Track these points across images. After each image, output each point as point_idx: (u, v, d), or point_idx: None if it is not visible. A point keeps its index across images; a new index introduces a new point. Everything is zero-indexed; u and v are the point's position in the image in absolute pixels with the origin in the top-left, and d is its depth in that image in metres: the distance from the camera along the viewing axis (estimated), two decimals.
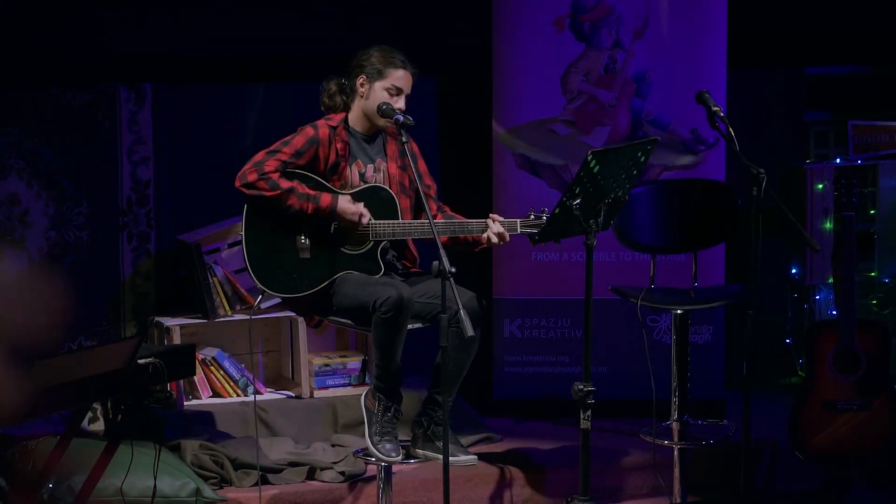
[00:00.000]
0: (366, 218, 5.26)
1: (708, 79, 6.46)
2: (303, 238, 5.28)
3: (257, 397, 6.24)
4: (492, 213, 5.32)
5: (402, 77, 5.34)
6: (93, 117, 6.53)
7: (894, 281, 7.04)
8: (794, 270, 7.26)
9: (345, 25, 6.87)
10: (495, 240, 5.27)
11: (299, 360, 6.37)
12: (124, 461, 4.92)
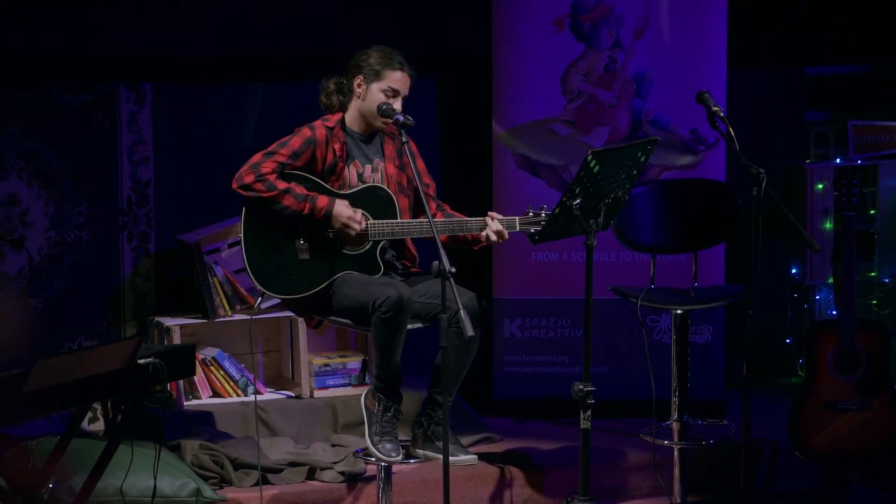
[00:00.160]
0: (362, 225, 5.24)
1: (708, 79, 6.46)
2: (302, 239, 5.27)
3: (257, 397, 6.24)
4: (490, 212, 5.32)
5: (399, 79, 5.33)
6: (93, 117, 6.53)
7: (894, 281, 7.04)
8: (794, 270, 7.26)
9: (345, 25, 6.87)
10: (494, 237, 5.27)
11: (299, 360, 6.37)
12: (124, 461, 4.92)
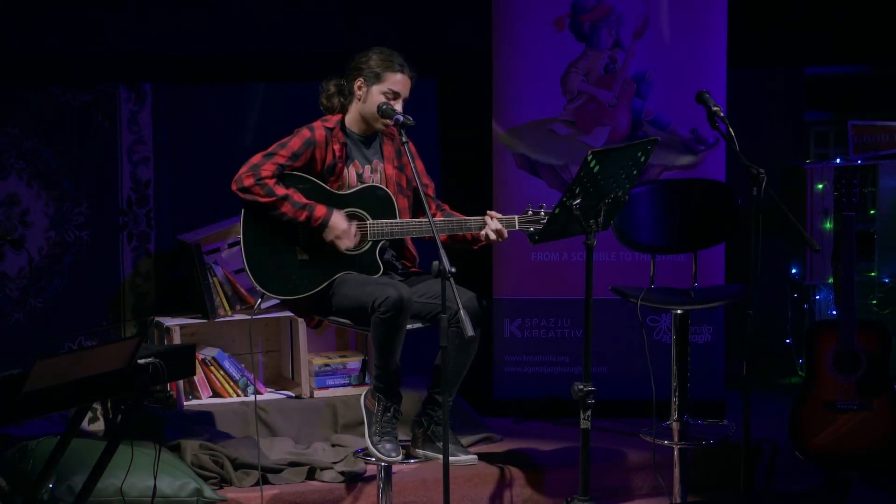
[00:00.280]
0: (348, 244, 5.23)
1: (708, 79, 6.46)
2: (301, 239, 5.27)
3: (257, 397, 6.24)
4: (489, 211, 5.32)
5: (399, 81, 5.32)
6: (93, 117, 6.53)
7: (894, 281, 7.04)
8: (794, 270, 7.26)
9: (345, 25, 6.87)
10: (493, 236, 5.26)
11: (299, 360, 6.37)
12: (124, 461, 4.92)
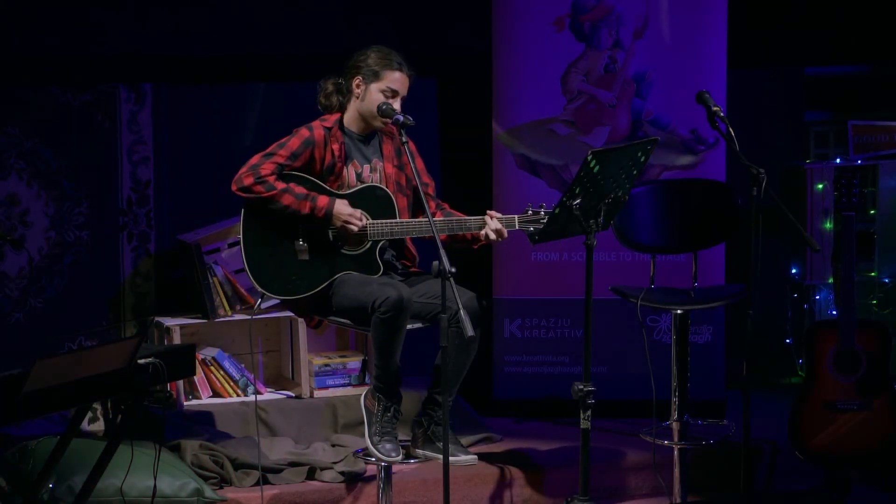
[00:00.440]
0: (362, 221, 5.24)
1: (708, 79, 6.46)
2: (301, 239, 5.27)
3: (257, 397, 6.24)
4: (489, 210, 5.32)
5: (398, 79, 5.32)
6: (93, 117, 6.53)
7: (894, 281, 7.04)
8: (794, 270, 7.26)
9: (345, 25, 6.87)
10: (493, 236, 5.26)
11: (299, 360, 6.37)
12: (124, 461, 4.91)
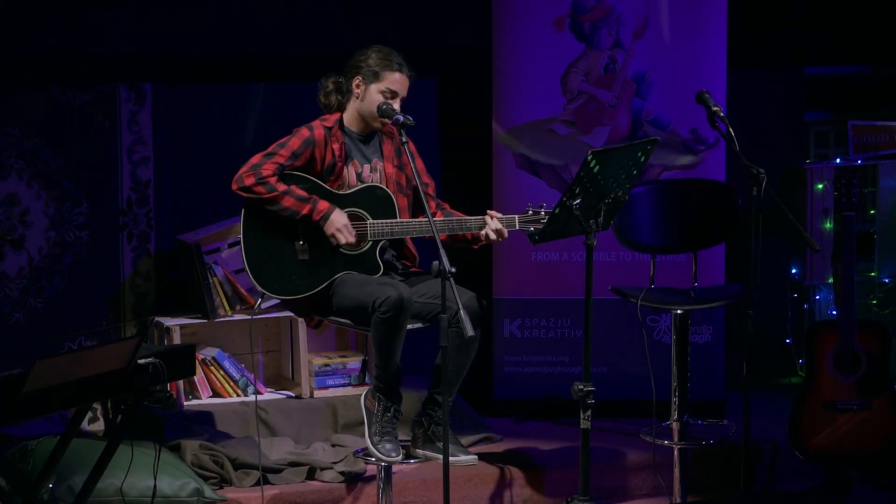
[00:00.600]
0: (343, 239, 5.22)
1: (708, 79, 6.46)
2: (301, 240, 5.27)
3: (257, 397, 6.24)
4: (490, 210, 5.32)
5: (398, 80, 5.31)
6: (93, 117, 6.53)
7: (894, 281, 7.04)
8: (794, 270, 7.26)
9: (345, 25, 6.87)
10: (493, 236, 5.26)
11: (299, 360, 6.37)
12: (124, 461, 4.92)
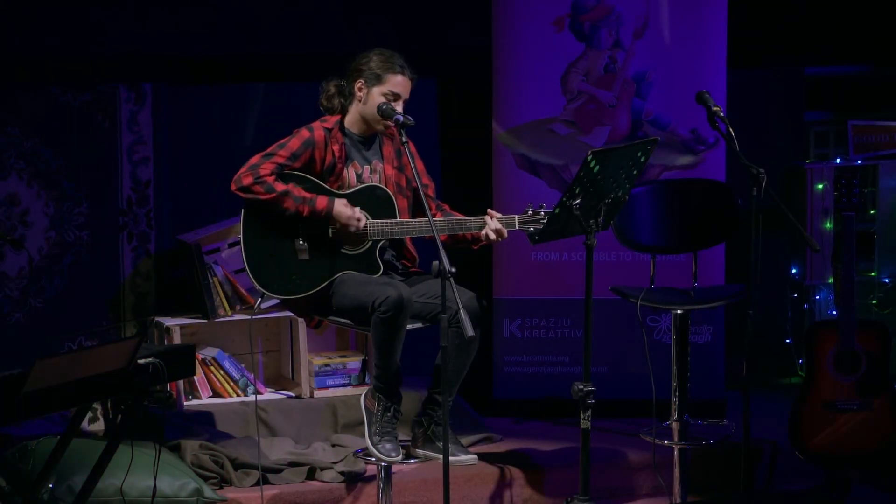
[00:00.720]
0: (362, 222, 5.25)
1: (708, 79, 6.46)
2: (301, 239, 5.27)
3: (257, 397, 6.24)
4: (489, 210, 5.32)
5: (400, 83, 5.31)
6: (93, 117, 6.53)
7: (894, 281, 7.04)
8: (794, 270, 7.26)
9: (345, 25, 6.87)
10: (493, 236, 5.26)
11: (299, 360, 6.37)
12: (124, 461, 4.92)
